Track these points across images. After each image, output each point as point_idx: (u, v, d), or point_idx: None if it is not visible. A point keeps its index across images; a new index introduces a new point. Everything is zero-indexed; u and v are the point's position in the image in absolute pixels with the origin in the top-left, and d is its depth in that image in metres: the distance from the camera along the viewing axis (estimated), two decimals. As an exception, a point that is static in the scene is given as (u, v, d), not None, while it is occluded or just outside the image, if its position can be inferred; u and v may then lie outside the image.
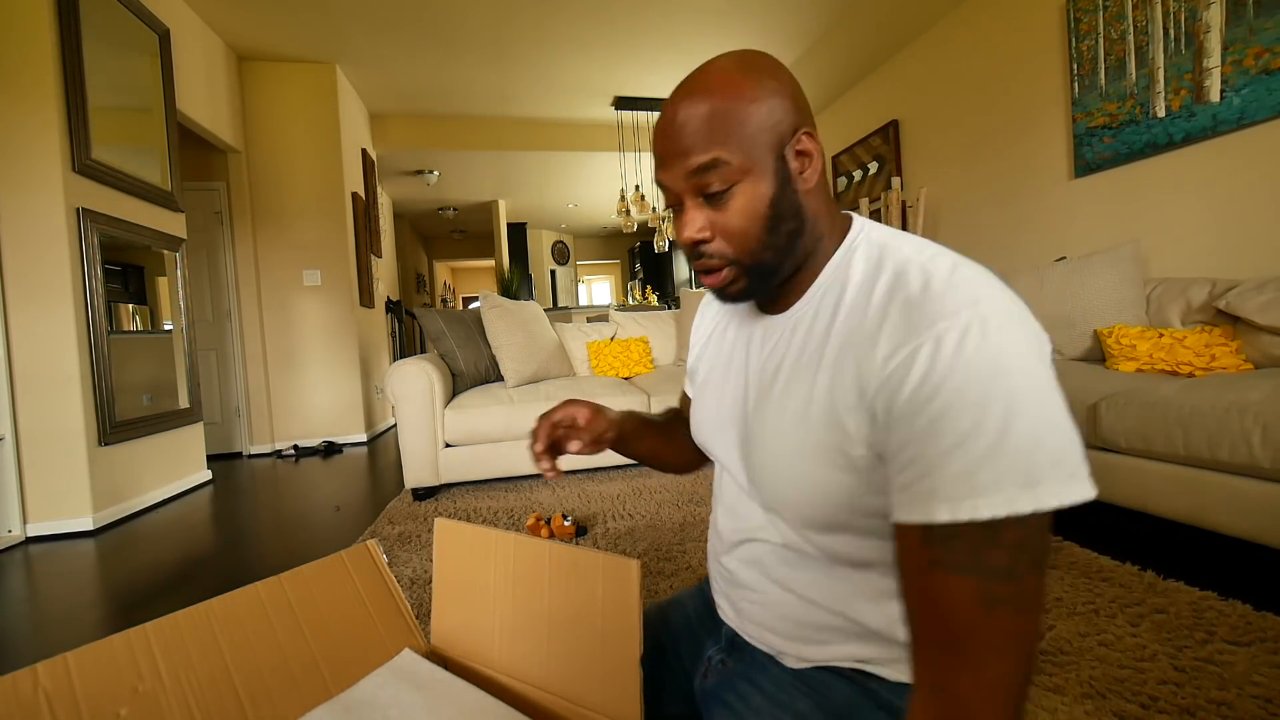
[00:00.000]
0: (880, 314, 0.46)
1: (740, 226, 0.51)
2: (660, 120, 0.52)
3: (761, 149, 0.50)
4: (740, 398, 0.59)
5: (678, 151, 0.50)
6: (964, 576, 0.39)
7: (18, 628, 1.49)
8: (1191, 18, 2.21)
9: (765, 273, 0.53)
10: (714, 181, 0.50)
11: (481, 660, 0.71)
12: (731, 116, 0.49)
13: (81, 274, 2.33)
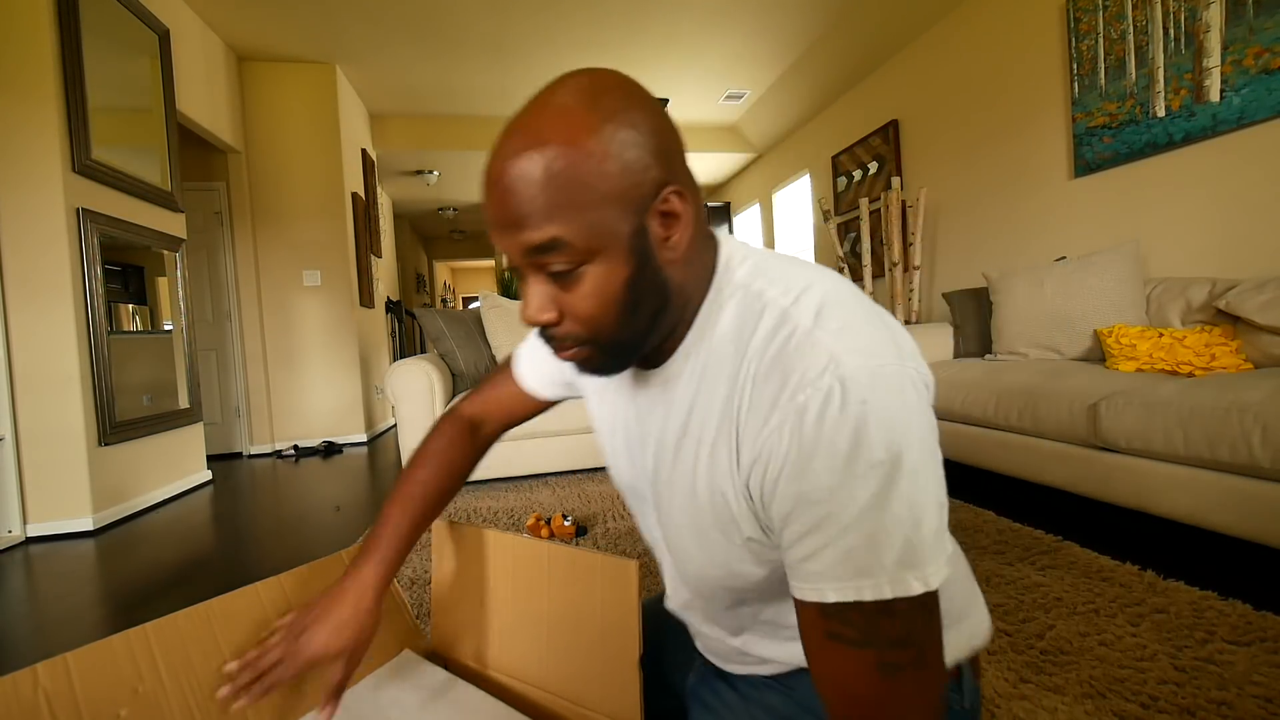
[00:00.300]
0: (749, 380, 0.42)
1: (591, 311, 0.43)
2: (486, 173, 0.42)
3: (614, 221, 0.41)
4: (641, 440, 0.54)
5: (508, 221, 0.41)
6: (862, 650, 0.39)
7: (18, 628, 1.49)
8: (1191, 17, 2.21)
9: (626, 352, 0.46)
10: (555, 262, 0.42)
11: (481, 660, 0.71)
12: (574, 180, 0.39)
13: (81, 274, 2.33)
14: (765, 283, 0.45)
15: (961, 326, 2.59)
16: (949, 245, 3.67)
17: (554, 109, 0.41)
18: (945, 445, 1.82)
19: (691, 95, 4.93)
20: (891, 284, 3.72)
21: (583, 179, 0.40)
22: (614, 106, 0.41)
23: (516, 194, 0.40)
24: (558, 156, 0.39)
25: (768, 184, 6.05)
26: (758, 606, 0.53)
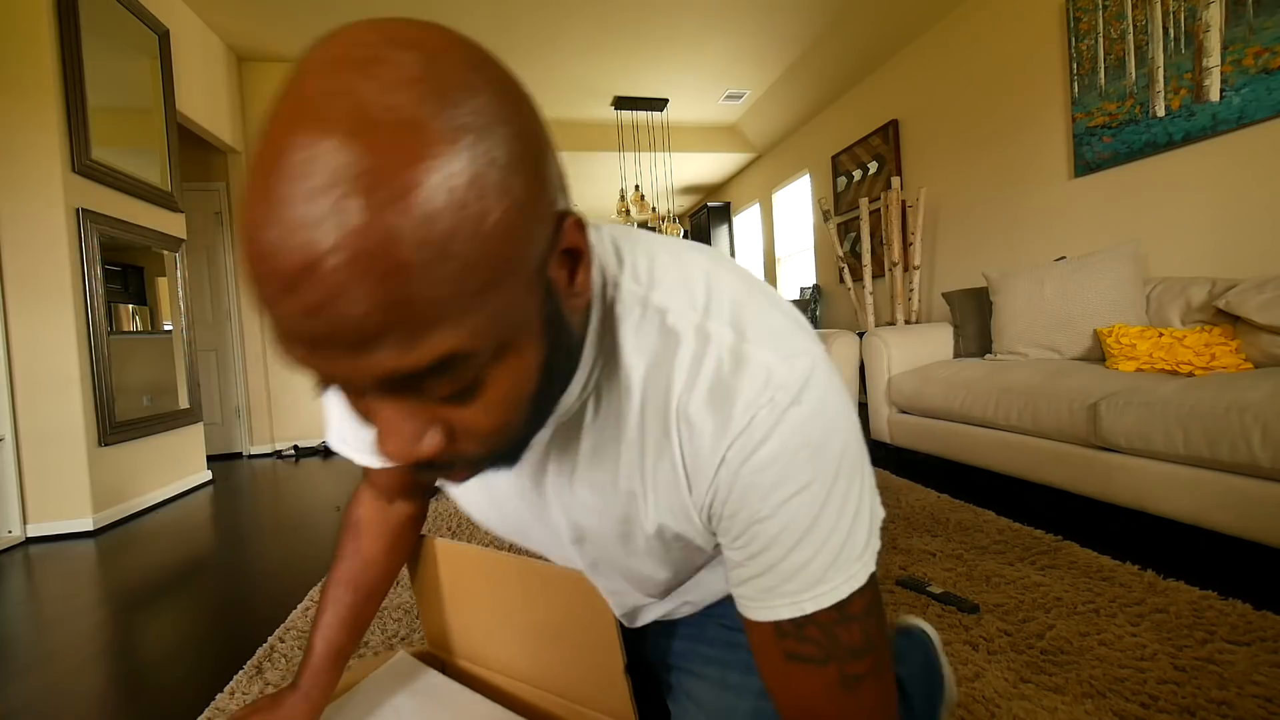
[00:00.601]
0: (685, 419, 0.38)
1: (498, 422, 0.31)
2: (272, 248, 0.24)
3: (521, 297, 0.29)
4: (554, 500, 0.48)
5: (346, 339, 0.25)
6: (823, 667, 0.38)
7: (18, 628, 1.49)
8: (1191, 17, 2.21)
9: (525, 443, 0.36)
10: (441, 385, 0.28)
11: (474, 659, 0.71)
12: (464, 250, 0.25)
13: (81, 275, 2.33)
14: (661, 294, 0.39)
15: (961, 326, 2.59)
16: (949, 245, 3.67)
17: (390, 125, 0.24)
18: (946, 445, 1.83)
19: (691, 95, 4.93)
20: (891, 284, 3.72)
21: (474, 249, 0.25)
22: (481, 106, 0.26)
23: (363, 294, 0.24)
24: (431, 218, 0.24)
25: (768, 184, 6.05)
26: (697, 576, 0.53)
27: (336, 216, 0.23)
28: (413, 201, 0.24)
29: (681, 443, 0.39)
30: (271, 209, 0.24)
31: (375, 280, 0.24)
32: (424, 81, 0.25)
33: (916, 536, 1.61)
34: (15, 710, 1.10)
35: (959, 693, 0.92)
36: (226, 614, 1.49)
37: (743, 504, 0.38)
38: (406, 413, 0.29)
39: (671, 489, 0.41)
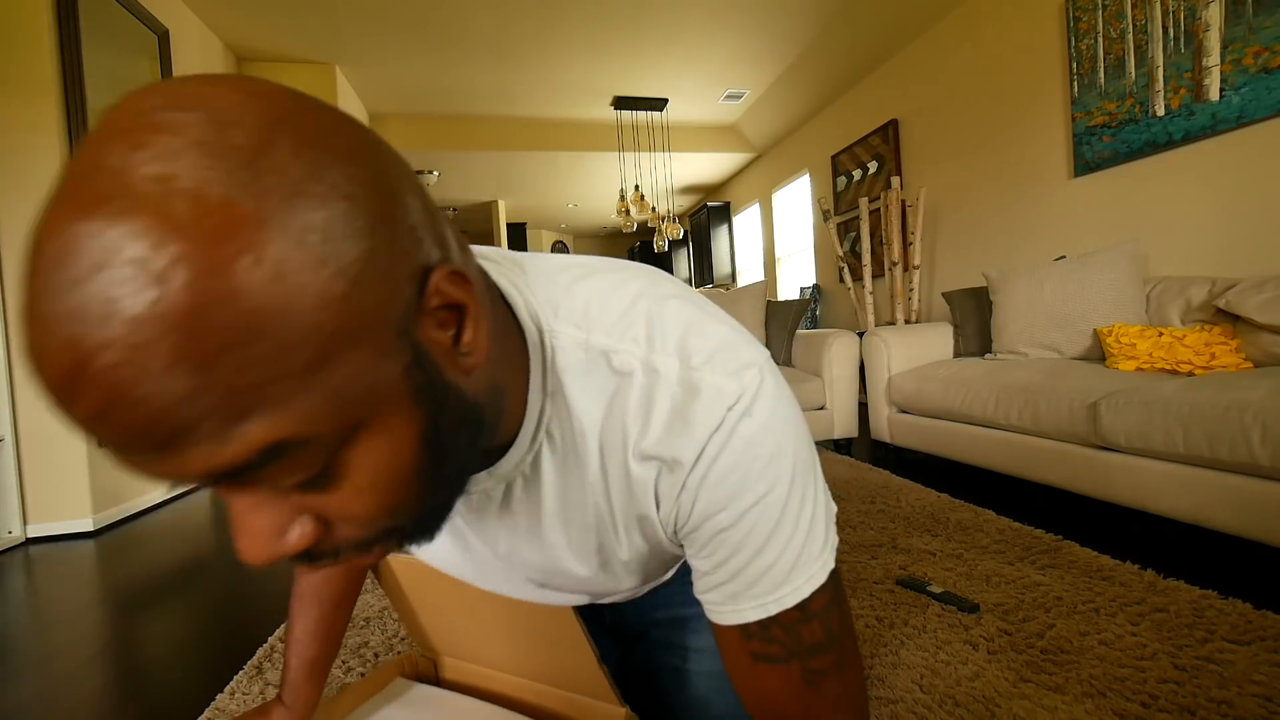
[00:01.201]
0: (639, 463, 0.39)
1: (375, 507, 0.28)
2: (37, 351, 0.21)
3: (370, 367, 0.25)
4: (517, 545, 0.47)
5: (139, 445, 0.22)
6: (788, 665, 0.40)
7: (18, 628, 1.49)
8: (1191, 16, 2.21)
9: (443, 513, 0.33)
10: (281, 474, 0.25)
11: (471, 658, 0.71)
12: (275, 331, 0.22)
13: (81, 275, 2.33)
14: (602, 335, 0.39)
15: (961, 326, 2.59)
16: (949, 244, 3.67)
17: (156, 198, 0.20)
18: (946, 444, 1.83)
19: (691, 95, 4.93)
20: (891, 283, 3.72)
21: (290, 328, 0.22)
22: (288, 165, 0.23)
23: (146, 399, 0.21)
24: (225, 302, 0.21)
25: (767, 184, 6.05)
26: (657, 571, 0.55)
27: (101, 308, 0.20)
28: (196, 283, 0.20)
29: (642, 477, 0.40)
30: (34, 304, 0.21)
31: (157, 377, 0.20)
32: (208, 145, 0.21)
33: (916, 536, 1.61)
34: (15, 710, 1.10)
35: (960, 692, 0.92)
36: (227, 614, 1.49)
37: (705, 518, 0.39)
38: (262, 505, 0.25)
39: (639, 515, 0.42)
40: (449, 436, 0.30)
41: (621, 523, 0.43)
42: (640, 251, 9.78)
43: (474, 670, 0.71)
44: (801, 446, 0.40)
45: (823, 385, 2.68)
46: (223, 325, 0.21)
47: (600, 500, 0.42)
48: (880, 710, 0.89)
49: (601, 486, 0.41)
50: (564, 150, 5.51)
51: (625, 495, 0.41)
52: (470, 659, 0.71)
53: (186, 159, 0.21)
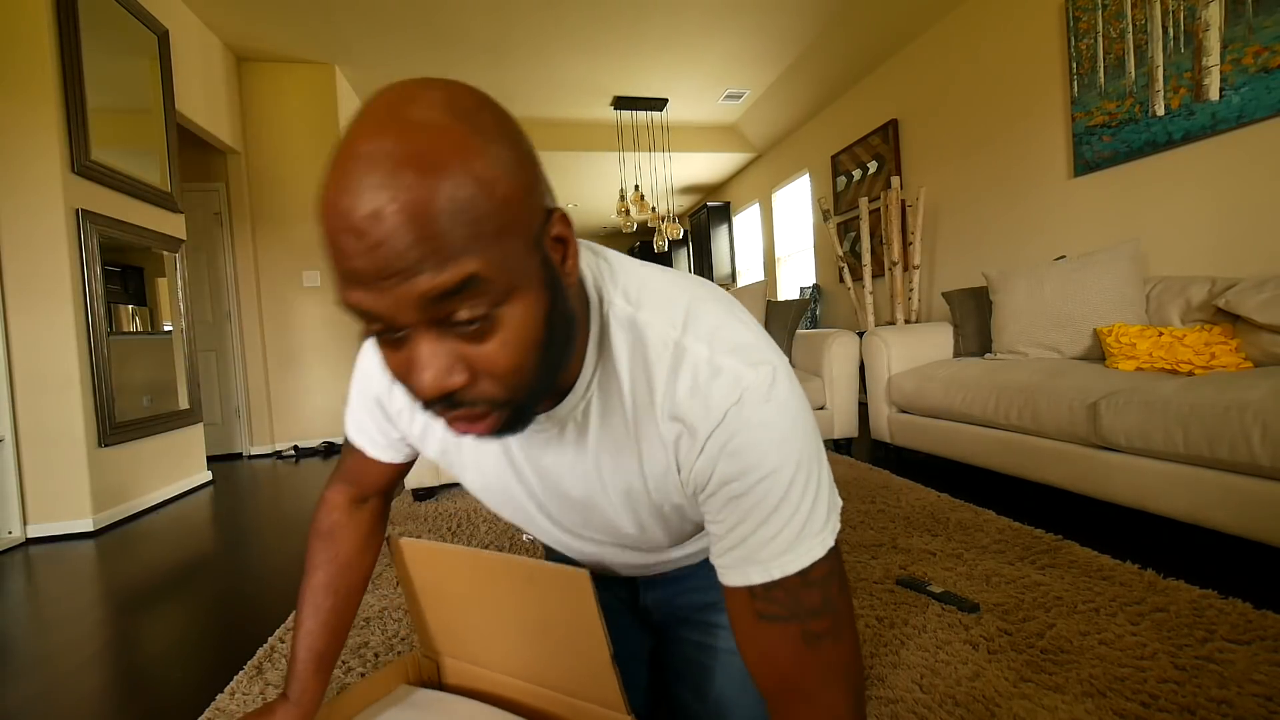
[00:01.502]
0: (667, 422, 0.47)
1: (512, 361, 0.37)
2: (344, 213, 0.33)
3: (523, 252, 0.37)
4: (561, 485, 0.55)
5: (398, 267, 0.33)
6: (787, 624, 0.46)
7: (19, 630, 1.49)
8: (1190, 16, 2.21)
9: (539, 402, 0.42)
10: (467, 307, 0.35)
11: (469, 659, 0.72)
12: (480, 208, 0.34)
13: (81, 275, 2.33)
14: (647, 314, 0.48)
15: (961, 326, 2.59)
16: (948, 244, 3.67)
17: (427, 128, 0.34)
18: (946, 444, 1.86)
19: (690, 95, 4.93)
20: (891, 283, 3.72)
21: (488, 206, 0.34)
22: (489, 125, 0.36)
23: (410, 230, 0.32)
24: (456, 182, 0.33)
25: (767, 184, 6.05)
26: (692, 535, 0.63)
27: (393, 182, 0.32)
28: (443, 173, 0.33)
29: (667, 433, 0.47)
30: (349, 183, 0.33)
31: (417, 223, 0.33)
32: (448, 107, 0.35)
33: (916, 536, 1.61)
34: (15, 710, 1.10)
35: (960, 691, 0.92)
36: (227, 614, 1.49)
37: (721, 484, 0.46)
38: (440, 350, 0.37)
39: (664, 472, 0.49)
40: (559, 322, 0.40)
41: (650, 477, 0.50)
42: (640, 251, 9.79)
43: (476, 673, 0.71)
44: (809, 439, 0.46)
45: (823, 385, 2.68)
46: (456, 197, 0.33)
47: (633, 452, 0.50)
48: (880, 710, 0.89)
49: (635, 441, 0.49)
50: (564, 150, 5.51)
51: (653, 451, 0.49)
52: (474, 659, 0.71)
53: (438, 112, 0.35)
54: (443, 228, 0.33)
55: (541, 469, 0.55)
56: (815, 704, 0.46)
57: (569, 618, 0.58)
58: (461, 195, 0.33)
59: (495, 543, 1.78)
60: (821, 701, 0.46)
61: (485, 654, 0.69)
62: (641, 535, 0.57)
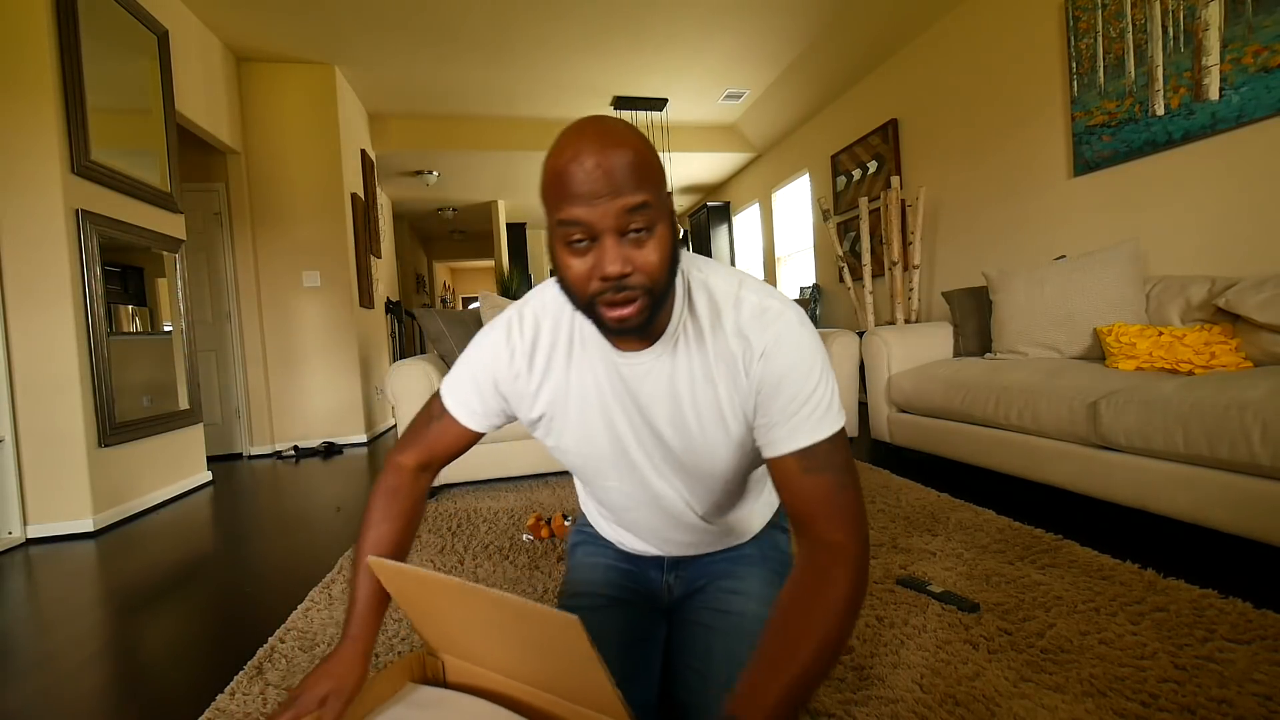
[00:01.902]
0: (734, 338, 0.67)
1: (655, 262, 0.58)
2: (580, 161, 0.55)
3: (666, 201, 0.60)
4: (646, 413, 0.71)
5: (609, 190, 0.54)
6: (822, 474, 0.64)
7: (19, 630, 1.49)
8: (1190, 16, 2.21)
9: (662, 304, 0.62)
10: (638, 220, 0.56)
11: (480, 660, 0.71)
12: (653, 169, 0.58)
13: (81, 276, 2.33)
14: (715, 280, 0.70)
15: (961, 325, 2.59)
16: (948, 244, 3.67)
17: (621, 129, 0.58)
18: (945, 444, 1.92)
19: (690, 95, 4.93)
20: (891, 283, 3.72)
21: (655, 166, 0.59)
22: (647, 140, 0.60)
23: (617, 171, 0.55)
24: (644, 153, 0.57)
25: (767, 183, 6.05)
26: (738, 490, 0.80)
27: (613, 143, 0.56)
28: (638, 145, 0.57)
29: (735, 348, 0.67)
30: (582, 143, 0.56)
31: (628, 166, 0.55)
32: (627, 123, 0.59)
33: (917, 535, 1.61)
34: (16, 711, 1.10)
35: (960, 691, 0.92)
36: (227, 615, 1.49)
37: (775, 377, 0.65)
38: (618, 251, 0.56)
39: (733, 378, 0.68)
40: (674, 250, 0.61)
41: (721, 384, 0.68)
42: (640, 251, 9.77)
43: (481, 674, 0.71)
44: (823, 355, 0.67)
45: (823, 385, 2.68)
46: (644, 158, 0.57)
47: (709, 371, 0.68)
48: (881, 710, 0.89)
49: (710, 361, 0.68)
50: (564, 150, 5.50)
51: (724, 365, 0.68)
52: (479, 661, 0.71)
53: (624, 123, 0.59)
54: (639, 172, 0.56)
55: (640, 402, 0.71)
56: (841, 529, 0.63)
57: (566, 655, 0.56)
58: (646, 158, 0.57)
59: (495, 542, 1.78)
60: (839, 526, 0.63)
61: (487, 660, 0.69)
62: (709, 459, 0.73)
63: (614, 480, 0.78)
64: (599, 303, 0.58)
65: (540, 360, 0.73)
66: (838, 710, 0.90)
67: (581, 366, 0.72)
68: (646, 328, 0.62)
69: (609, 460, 0.76)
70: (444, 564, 1.63)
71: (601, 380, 0.71)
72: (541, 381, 0.73)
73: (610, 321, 0.59)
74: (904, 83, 3.96)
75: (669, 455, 0.73)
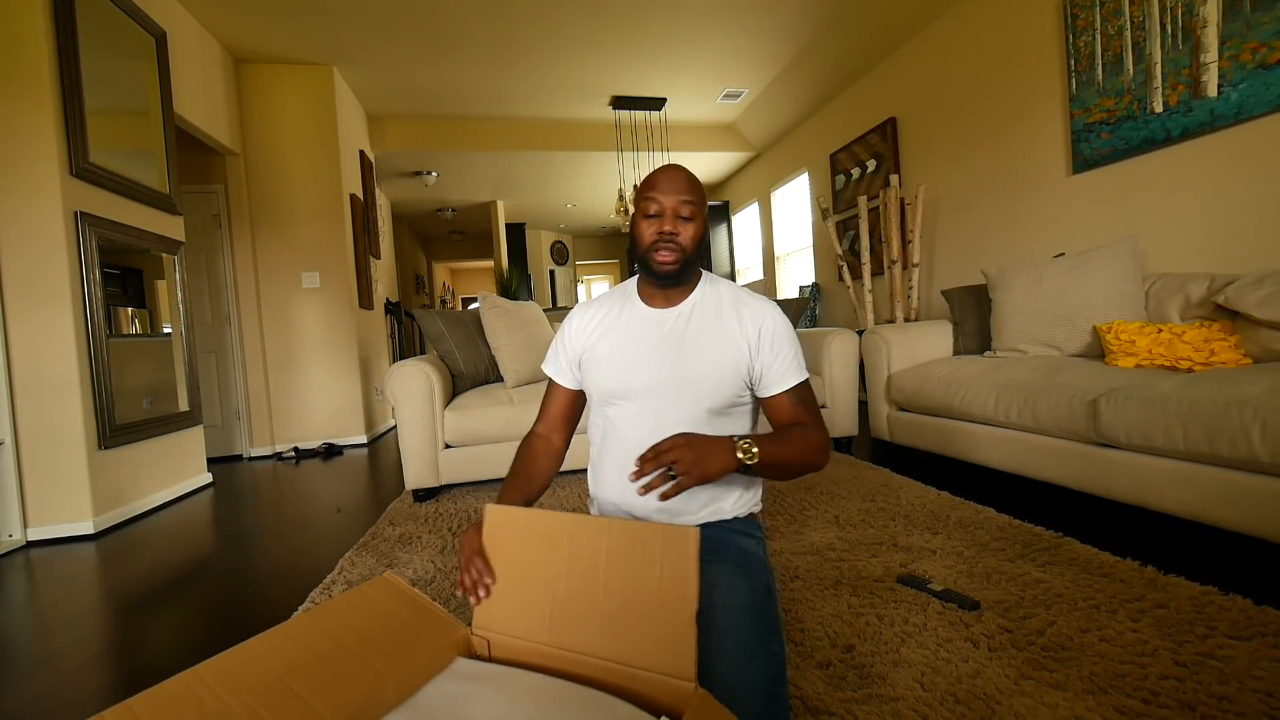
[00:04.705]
0: (741, 310, 1.01)
1: (691, 236, 0.96)
2: (665, 172, 0.97)
3: (704, 210, 0.99)
4: (661, 345, 0.99)
5: (678, 190, 0.95)
6: (803, 403, 0.99)
7: (19, 632, 1.49)
8: (1188, 13, 2.21)
9: (689, 267, 0.98)
10: (686, 211, 0.95)
11: (528, 636, 0.72)
12: (699, 189, 0.98)
13: (80, 278, 2.33)
14: (719, 285, 1.05)
15: (961, 324, 2.59)
16: (948, 242, 3.67)
17: (686, 169, 0.98)
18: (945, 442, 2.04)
19: (689, 94, 4.93)
20: (890, 281, 3.72)
21: (702, 193, 0.99)
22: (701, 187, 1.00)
23: (681, 182, 0.95)
24: (696, 181, 0.98)
25: (766, 183, 6.05)
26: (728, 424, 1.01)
27: (682, 170, 0.99)
28: (692, 176, 0.99)
29: (742, 318, 1.00)
30: (667, 167, 0.99)
31: (686, 180, 0.97)
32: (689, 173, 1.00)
33: (917, 534, 1.61)
34: (16, 714, 1.10)
35: (961, 689, 0.92)
36: (227, 616, 1.49)
37: (769, 340, 0.98)
38: (675, 224, 0.95)
39: (736, 340, 0.98)
40: (703, 240, 0.99)
41: (728, 340, 0.98)
42: (639, 251, 9.77)
43: (526, 648, 0.72)
44: (794, 333, 1.01)
45: (823, 383, 2.69)
46: (698, 184, 1.00)
47: (718, 331, 0.99)
48: (882, 708, 0.89)
49: (719, 325, 0.99)
50: (562, 150, 5.51)
51: (729, 329, 0.99)
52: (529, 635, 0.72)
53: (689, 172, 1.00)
54: (692, 187, 0.97)
55: (668, 340, 0.99)
56: (818, 426, 0.97)
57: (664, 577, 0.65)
58: (697, 184, 0.98)
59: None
60: (820, 426, 0.98)
61: (543, 629, 0.71)
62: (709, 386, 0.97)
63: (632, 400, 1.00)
64: (654, 249, 0.95)
65: (597, 320, 1.06)
66: (839, 709, 0.90)
67: (629, 322, 1.04)
68: (676, 279, 0.97)
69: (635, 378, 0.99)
70: (444, 564, 1.63)
71: (637, 327, 1.02)
72: (601, 337, 1.04)
73: (656, 264, 0.95)
74: (903, 81, 3.96)
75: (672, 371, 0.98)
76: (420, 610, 0.77)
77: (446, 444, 2.38)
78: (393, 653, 0.69)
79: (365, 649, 0.68)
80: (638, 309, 1.03)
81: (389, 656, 0.69)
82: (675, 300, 1.01)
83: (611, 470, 1.01)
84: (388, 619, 0.74)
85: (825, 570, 1.42)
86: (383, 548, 1.79)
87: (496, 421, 2.38)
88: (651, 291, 1.02)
